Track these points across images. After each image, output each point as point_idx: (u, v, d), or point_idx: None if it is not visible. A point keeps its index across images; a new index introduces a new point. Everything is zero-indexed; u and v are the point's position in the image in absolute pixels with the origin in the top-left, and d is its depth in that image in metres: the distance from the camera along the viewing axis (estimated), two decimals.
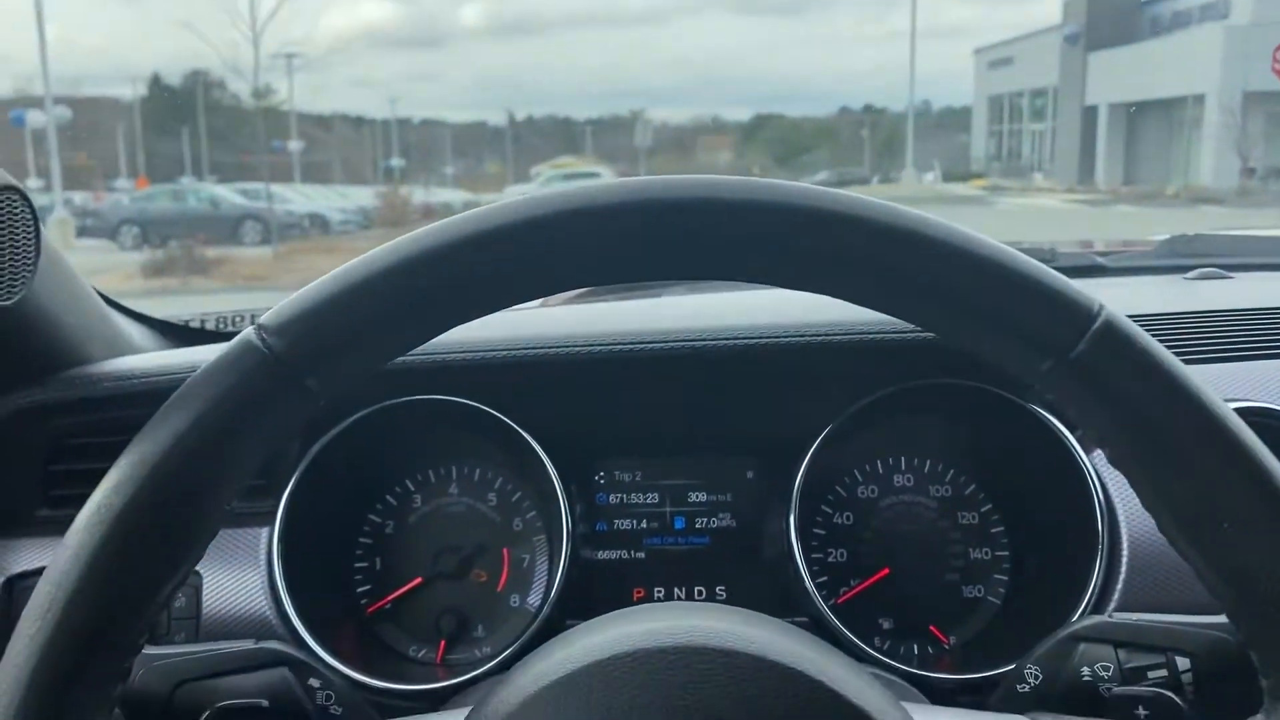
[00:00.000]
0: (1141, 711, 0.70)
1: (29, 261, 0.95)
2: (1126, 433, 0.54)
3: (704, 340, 1.09)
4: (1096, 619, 0.78)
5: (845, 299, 0.58)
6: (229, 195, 22.01)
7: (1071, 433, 1.07)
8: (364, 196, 25.12)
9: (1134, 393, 0.53)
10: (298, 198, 23.62)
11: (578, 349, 1.09)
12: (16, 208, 0.92)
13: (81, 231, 20.14)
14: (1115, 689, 0.72)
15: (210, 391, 0.55)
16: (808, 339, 1.09)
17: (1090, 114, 33.48)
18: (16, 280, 0.93)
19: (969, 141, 43.32)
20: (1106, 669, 0.74)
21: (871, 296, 0.58)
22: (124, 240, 19.74)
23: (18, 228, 0.93)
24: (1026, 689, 0.77)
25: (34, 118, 19.60)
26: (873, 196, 0.57)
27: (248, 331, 0.56)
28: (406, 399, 1.10)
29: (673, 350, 1.09)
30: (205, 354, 1.18)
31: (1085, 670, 0.75)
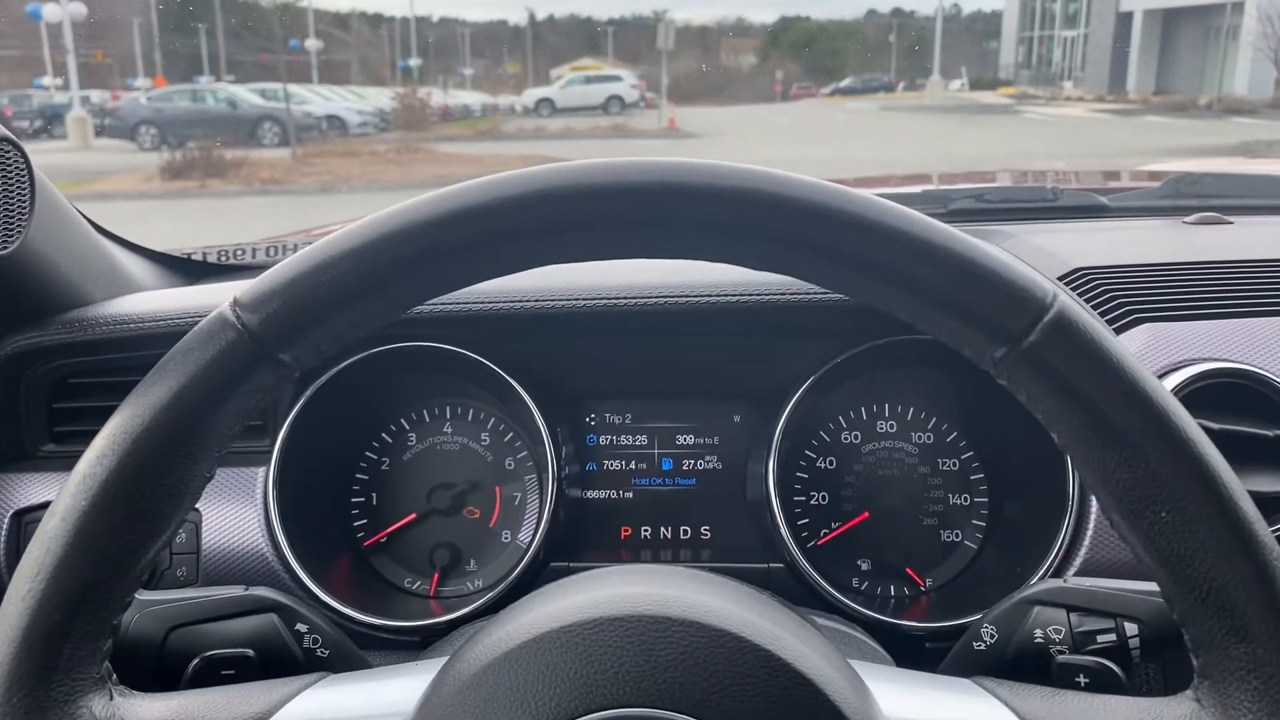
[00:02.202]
0: (1082, 679, 0.73)
1: (24, 210, 0.96)
2: (1074, 420, 0.56)
3: (690, 296, 1.10)
4: (1052, 583, 0.80)
5: (809, 281, 0.60)
6: (247, 96, 21.82)
7: None
8: (382, 98, 24.86)
9: (1083, 383, 0.55)
10: (315, 99, 23.39)
11: (565, 303, 1.11)
12: (9, 158, 0.94)
13: (99, 131, 20.08)
14: (1058, 657, 0.75)
15: (187, 366, 0.57)
16: (786, 298, 1.10)
17: (1125, 20, 32.63)
18: (13, 229, 0.95)
19: (998, 48, 42.35)
20: (1059, 632, 0.77)
21: (831, 281, 0.60)
22: (142, 140, 19.68)
23: (11, 178, 0.94)
24: (982, 647, 0.80)
25: (49, 11, 19.38)
26: (832, 180, 0.58)
27: (223, 308, 0.59)
28: (397, 345, 1.13)
29: (658, 306, 1.10)
30: (201, 295, 1.21)
31: (1038, 633, 0.77)
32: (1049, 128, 21.85)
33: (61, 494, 0.57)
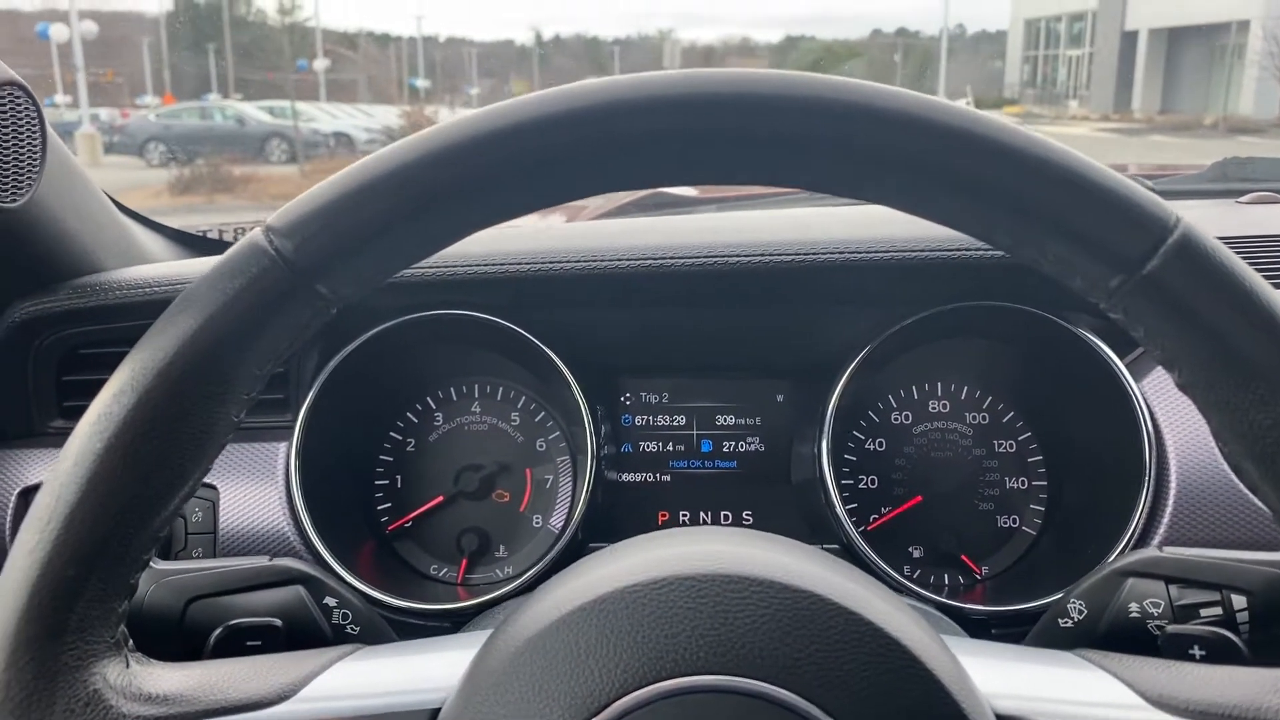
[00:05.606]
0: (1197, 651, 0.67)
1: (35, 161, 0.91)
2: (1201, 355, 0.49)
3: (736, 257, 1.04)
4: (1147, 553, 0.74)
5: (898, 207, 0.53)
6: (255, 113, 21.90)
7: (1120, 358, 1.02)
8: (389, 116, 24.94)
9: (1212, 312, 0.49)
10: (323, 116, 23.47)
11: (606, 263, 1.05)
12: (20, 104, 0.88)
13: (109, 148, 20.14)
14: (1167, 627, 0.68)
15: (215, 296, 0.51)
16: (842, 257, 1.04)
17: (1129, 39, 32.68)
18: (22, 181, 0.89)
19: (1003, 67, 42.43)
20: (1156, 606, 0.70)
21: (926, 204, 0.53)
22: (151, 157, 19.72)
23: (21, 125, 0.88)
24: (1069, 624, 0.74)
25: (57, 31, 19.47)
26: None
27: (255, 233, 0.52)
28: (429, 314, 1.07)
29: (703, 267, 1.04)
30: None
31: (1134, 606, 0.71)
32: None
33: (74, 436, 0.51)
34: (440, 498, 1.14)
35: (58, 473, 0.50)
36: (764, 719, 0.48)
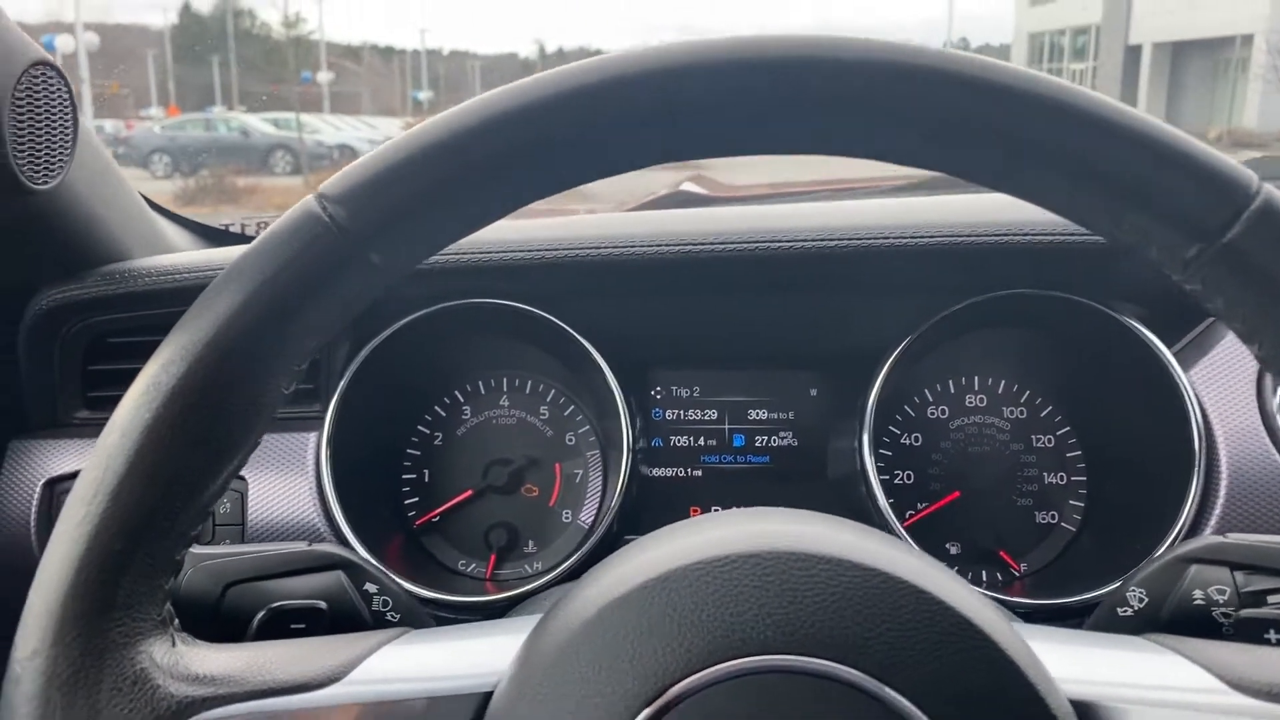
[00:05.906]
0: (1273, 635, 0.65)
1: (66, 143, 0.89)
2: None
3: (776, 241, 1.02)
4: (1211, 539, 0.72)
5: (967, 177, 0.52)
6: (259, 125, 21.91)
7: (1168, 347, 1.00)
8: (392, 127, 25.01)
9: None
10: (327, 128, 23.50)
11: (643, 248, 1.03)
12: (52, 84, 0.86)
13: (114, 159, 20.18)
14: (1240, 612, 0.67)
15: (267, 264, 0.49)
16: (884, 241, 1.02)
17: (1133, 53, 32.74)
18: (54, 162, 0.88)
19: None
20: (1222, 592, 0.68)
21: (994, 170, 0.51)
22: (155, 168, 19.72)
23: (54, 105, 0.87)
24: (1129, 612, 0.72)
25: (63, 42, 19.54)
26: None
27: (308, 200, 0.50)
28: (461, 302, 1.05)
29: (742, 252, 1.02)
30: None
31: (1197, 594, 0.69)
32: None
33: (122, 406, 0.49)
34: (469, 492, 1.13)
35: (105, 445, 0.49)
36: (833, 699, 0.46)
